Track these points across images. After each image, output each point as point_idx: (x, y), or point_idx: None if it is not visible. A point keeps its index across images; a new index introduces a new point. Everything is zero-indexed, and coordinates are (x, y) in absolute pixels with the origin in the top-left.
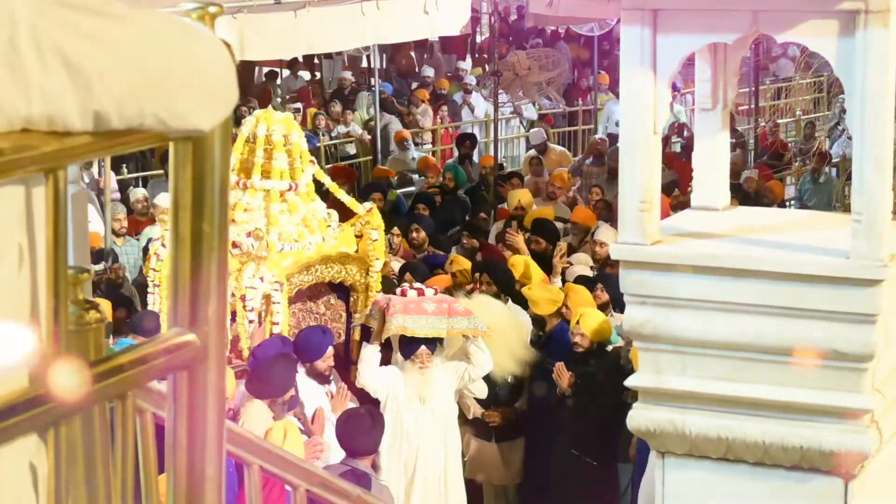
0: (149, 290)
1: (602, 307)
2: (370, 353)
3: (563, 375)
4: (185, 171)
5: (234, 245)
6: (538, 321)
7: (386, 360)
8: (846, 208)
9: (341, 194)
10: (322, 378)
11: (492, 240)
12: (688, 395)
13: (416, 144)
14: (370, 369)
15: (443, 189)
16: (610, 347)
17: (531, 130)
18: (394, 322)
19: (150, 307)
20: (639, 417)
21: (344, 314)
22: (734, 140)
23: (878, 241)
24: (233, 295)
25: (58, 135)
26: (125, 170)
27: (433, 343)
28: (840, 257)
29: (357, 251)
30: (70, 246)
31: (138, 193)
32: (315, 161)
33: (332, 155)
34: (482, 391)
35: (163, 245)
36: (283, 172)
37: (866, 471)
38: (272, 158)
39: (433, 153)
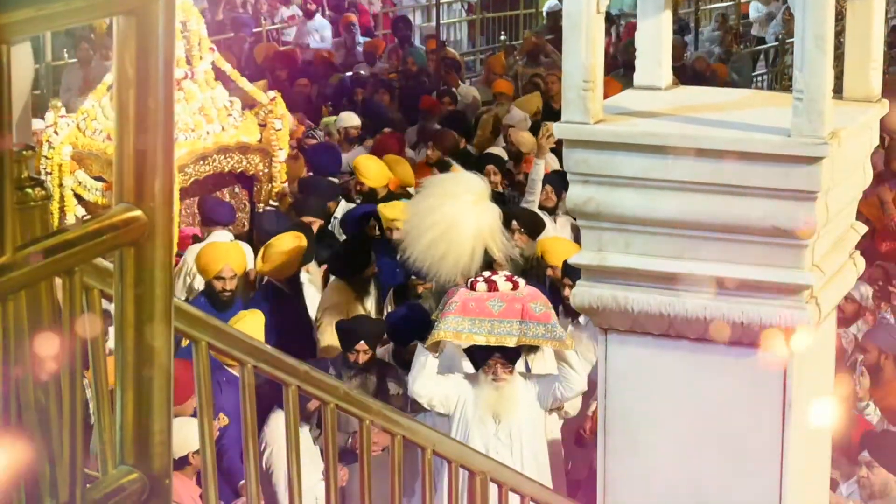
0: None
1: None
2: (421, 363)
3: None
4: (129, 46)
5: None
6: None
7: None
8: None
9: (243, 82)
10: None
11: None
12: (630, 272)
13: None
14: (423, 380)
15: (405, 74)
16: None
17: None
18: (443, 324)
19: None
20: (582, 294)
21: (248, 203)
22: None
23: (818, 119)
24: None
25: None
26: (66, 56)
27: (512, 352)
28: (781, 135)
29: (260, 140)
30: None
31: None
32: (214, 48)
33: (276, 40)
34: (574, 408)
35: (55, 132)
36: (179, 59)
37: (806, 346)
38: None
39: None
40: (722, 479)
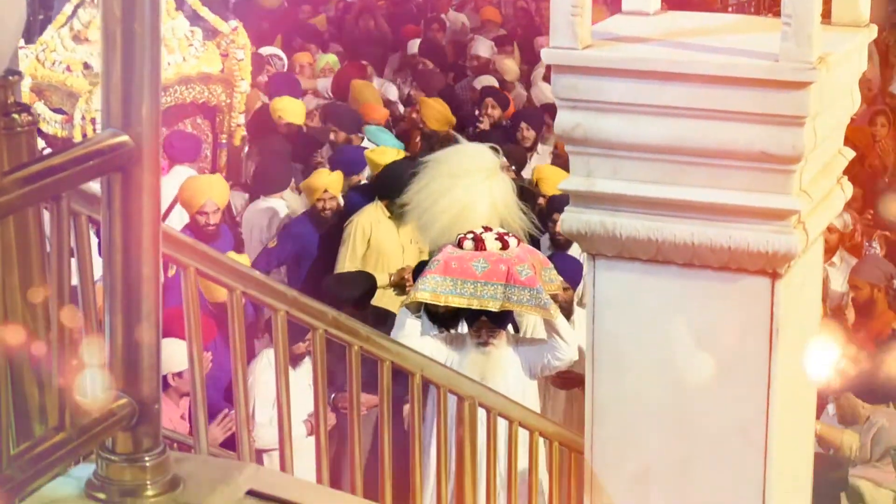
0: None
1: None
2: (400, 323)
3: None
4: None
5: (86, 66)
6: None
7: None
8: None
9: (205, 11)
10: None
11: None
12: (618, 197)
13: None
14: (403, 341)
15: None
16: None
17: None
18: (422, 284)
19: None
20: (570, 220)
21: (210, 134)
22: None
23: (807, 44)
24: (83, 118)
25: None
26: None
27: (501, 316)
28: (770, 60)
29: (222, 71)
30: None
31: None
32: None
33: None
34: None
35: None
36: None
37: (793, 270)
38: None
39: None
40: (709, 403)
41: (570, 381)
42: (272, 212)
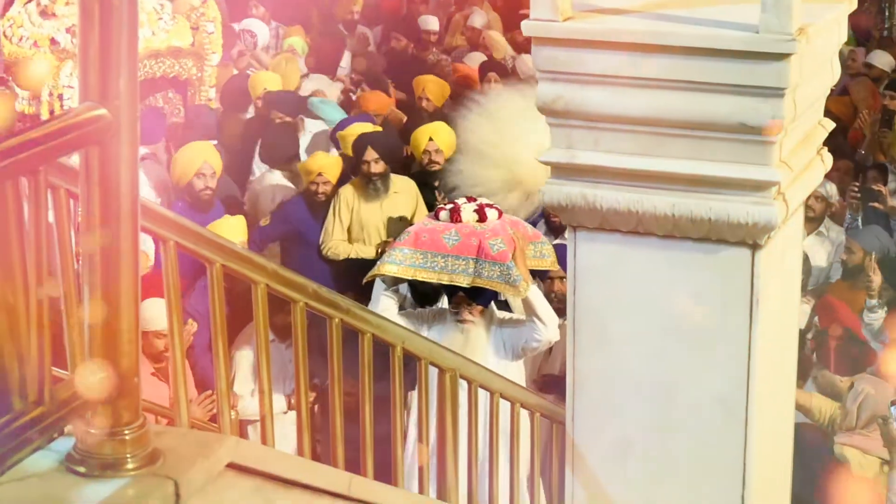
0: None
1: None
2: (375, 298)
3: None
4: None
5: (53, 41)
6: None
7: None
8: None
9: None
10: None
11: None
12: (599, 169)
13: None
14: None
15: None
16: None
17: None
18: (389, 257)
19: None
20: (551, 192)
21: (182, 108)
22: None
23: (787, 15)
24: (50, 94)
25: None
26: None
27: (482, 292)
28: (749, 31)
29: (192, 44)
30: None
31: None
32: None
33: None
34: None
35: None
36: None
37: (773, 241)
38: None
39: None
40: (690, 374)
41: (548, 385)
42: (278, 186)
